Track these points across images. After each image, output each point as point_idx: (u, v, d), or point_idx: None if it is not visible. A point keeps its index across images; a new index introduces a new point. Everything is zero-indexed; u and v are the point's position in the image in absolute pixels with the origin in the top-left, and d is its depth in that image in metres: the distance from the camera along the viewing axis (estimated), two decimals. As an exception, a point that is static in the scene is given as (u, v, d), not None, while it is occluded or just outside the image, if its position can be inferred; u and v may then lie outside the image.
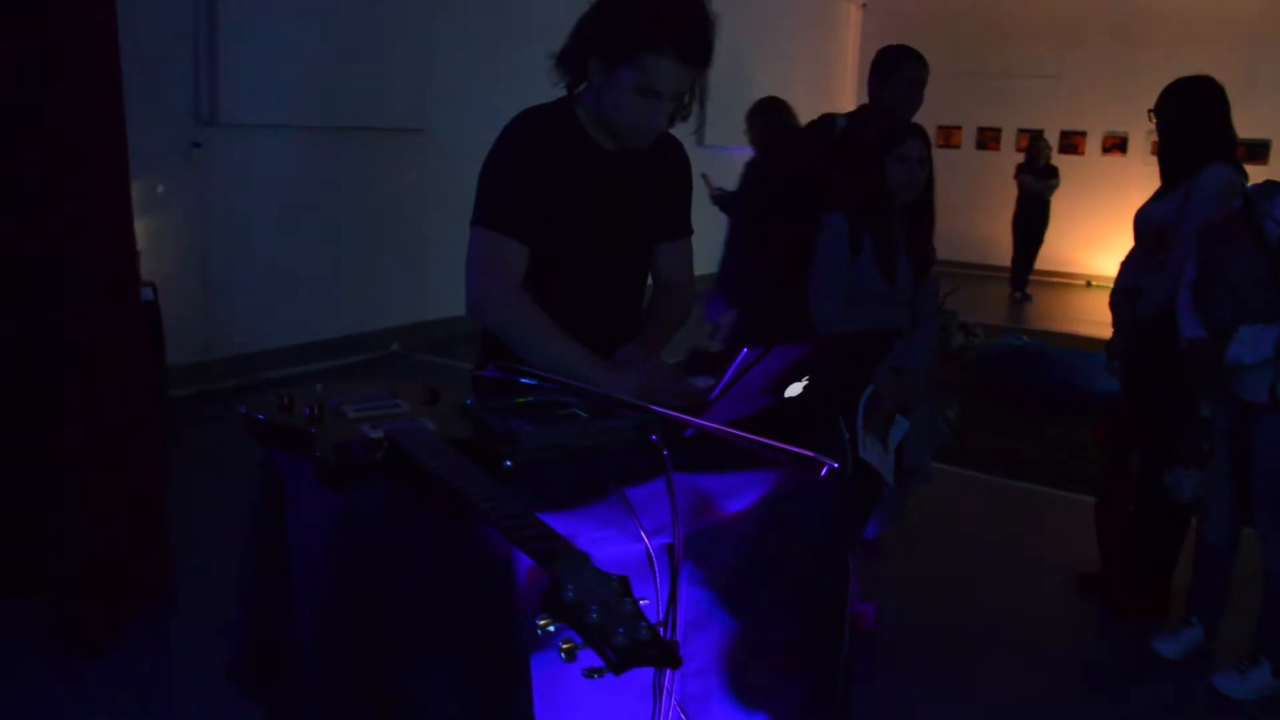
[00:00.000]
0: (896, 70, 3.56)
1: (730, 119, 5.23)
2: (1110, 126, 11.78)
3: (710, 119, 2.08)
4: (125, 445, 3.05)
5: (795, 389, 1.64)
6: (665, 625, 1.44)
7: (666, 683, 1.50)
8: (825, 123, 3.74)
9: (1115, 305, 3.51)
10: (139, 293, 3.34)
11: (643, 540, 1.45)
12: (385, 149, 6.73)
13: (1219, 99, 3.24)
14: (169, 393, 5.08)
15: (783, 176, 3.50)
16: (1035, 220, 10.68)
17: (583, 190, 2.01)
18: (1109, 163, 11.83)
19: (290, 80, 5.95)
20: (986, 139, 12.61)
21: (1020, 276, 10.92)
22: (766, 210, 3.55)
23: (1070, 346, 7.28)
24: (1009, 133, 12.45)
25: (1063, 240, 11.14)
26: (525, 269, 1.97)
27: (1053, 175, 10.61)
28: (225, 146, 5.72)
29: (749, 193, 4.42)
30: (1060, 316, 9.99)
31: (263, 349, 6.02)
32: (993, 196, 11.15)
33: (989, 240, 11.34)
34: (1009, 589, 3.70)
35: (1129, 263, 3.48)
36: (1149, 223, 3.35)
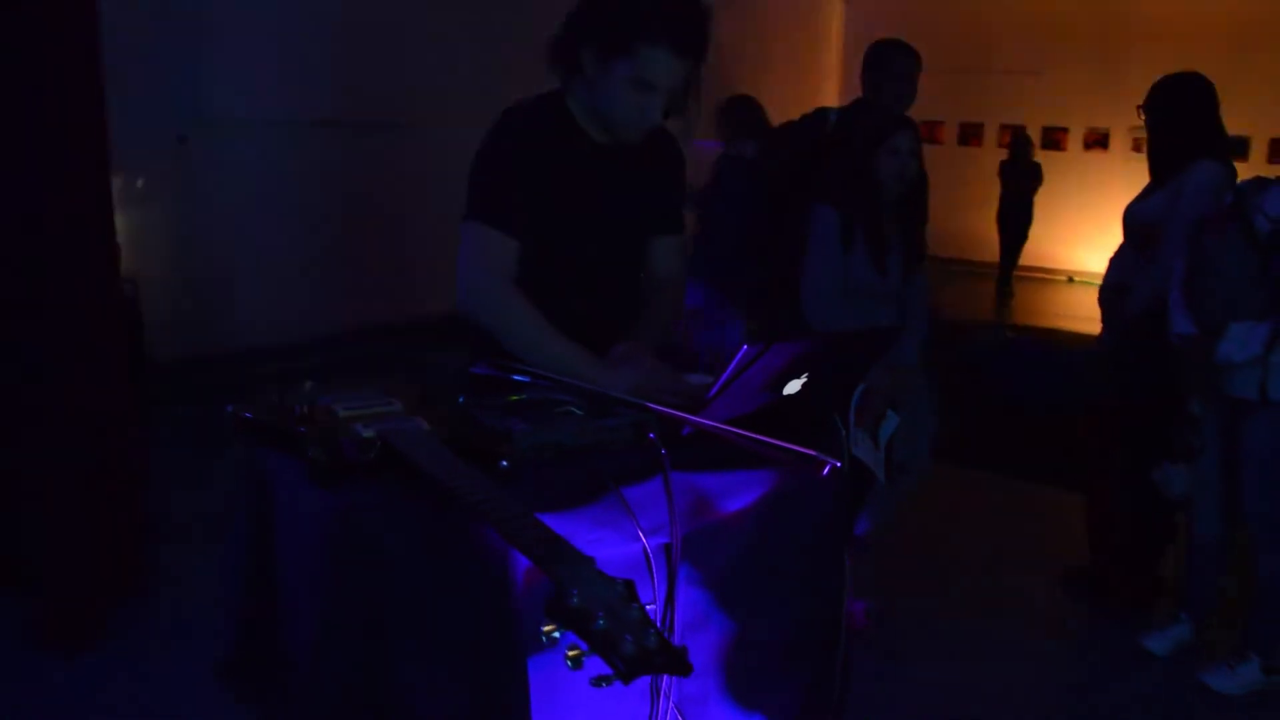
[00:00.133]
0: (889, 65, 3.55)
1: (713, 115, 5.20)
2: (1092, 123, 11.83)
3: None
4: (105, 442, 3.01)
5: (794, 386, 1.61)
6: (663, 626, 1.42)
7: (664, 684, 1.48)
8: (818, 117, 3.72)
9: (1104, 302, 3.50)
10: (120, 289, 3.30)
11: (640, 540, 1.42)
12: (371, 143, 6.68)
13: (1209, 95, 3.24)
14: (150, 390, 5.01)
15: (777, 172, 3.48)
16: (1019, 217, 10.72)
17: (575, 184, 1.98)
18: (1091, 159, 11.88)
19: (276, 75, 5.90)
20: (969, 135, 12.63)
21: (1004, 274, 10.95)
22: (764, 205, 3.54)
23: (1054, 342, 7.30)
24: (991, 128, 12.48)
25: (1045, 236, 11.18)
26: (517, 264, 1.94)
27: (1036, 172, 10.64)
28: (210, 141, 5.66)
29: (724, 188, 4.46)
30: (1043, 312, 10.03)
31: (246, 345, 5.96)
32: (975, 192, 11.17)
33: (971, 236, 11.37)
34: (997, 585, 3.70)
35: (1118, 259, 3.48)
36: (1138, 219, 3.34)
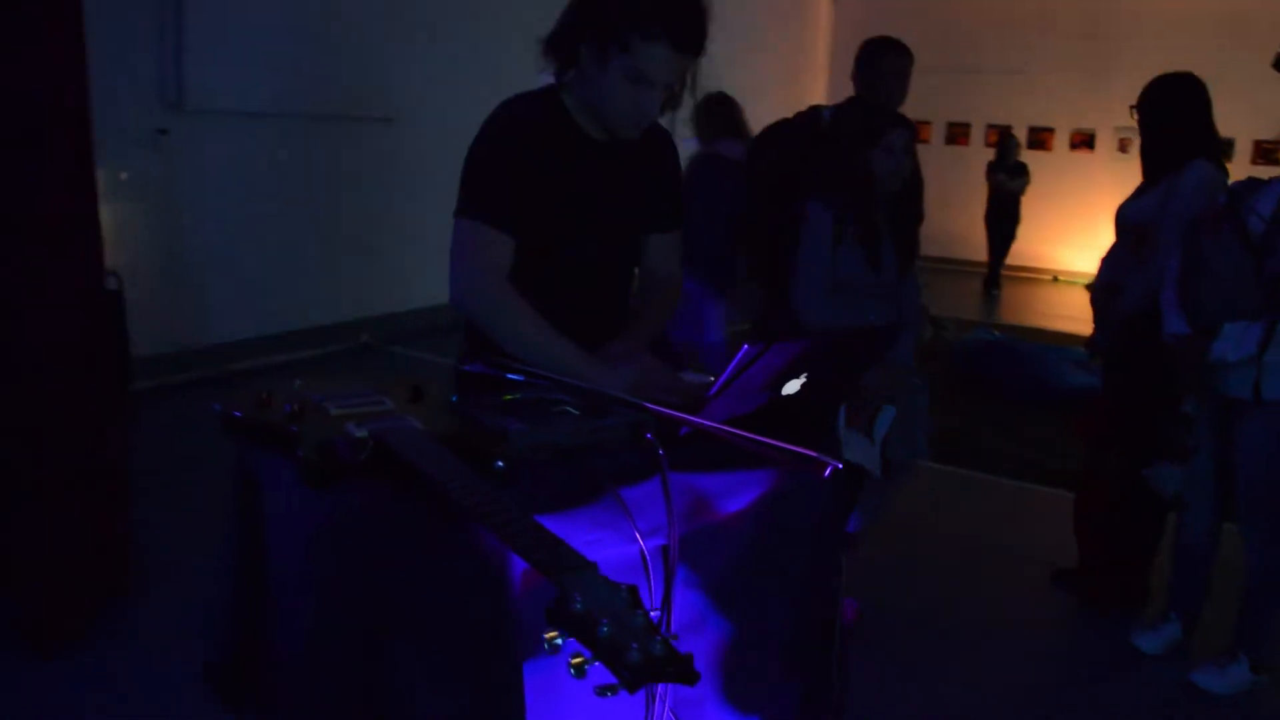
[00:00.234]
0: (880, 61, 3.53)
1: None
2: (1078, 123, 11.88)
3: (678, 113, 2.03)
4: (88, 439, 2.97)
5: (793, 386, 1.59)
6: (660, 628, 1.39)
7: (660, 687, 1.45)
8: (812, 115, 3.70)
9: (1096, 301, 3.50)
10: (103, 283, 3.25)
11: (638, 542, 1.40)
12: (355, 137, 6.63)
13: (1201, 95, 3.23)
14: (133, 385, 4.96)
15: (769, 170, 3.46)
16: (1007, 217, 10.75)
17: (571, 181, 1.95)
18: (1076, 159, 11.93)
19: (259, 67, 5.83)
20: (956, 134, 12.66)
21: (992, 273, 10.97)
22: (753, 204, 3.52)
23: (1040, 341, 7.32)
24: (978, 128, 12.51)
25: (1030, 235, 11.21)
26: (511, 261, 1.91)
27: (1023, 173, 10.67)
28: (192, 134, 5.59)
29: (701, 186, 4.46)
30: (1029, 311, 10.06)
31: (229, 340, 5.91)
32: (962, 192, 11.19)
33: (958, 235, 11.39)
34: (987, 584, 3.70)
35: (1110, 259, 3.47)
36: (1130, 219, 3.34)
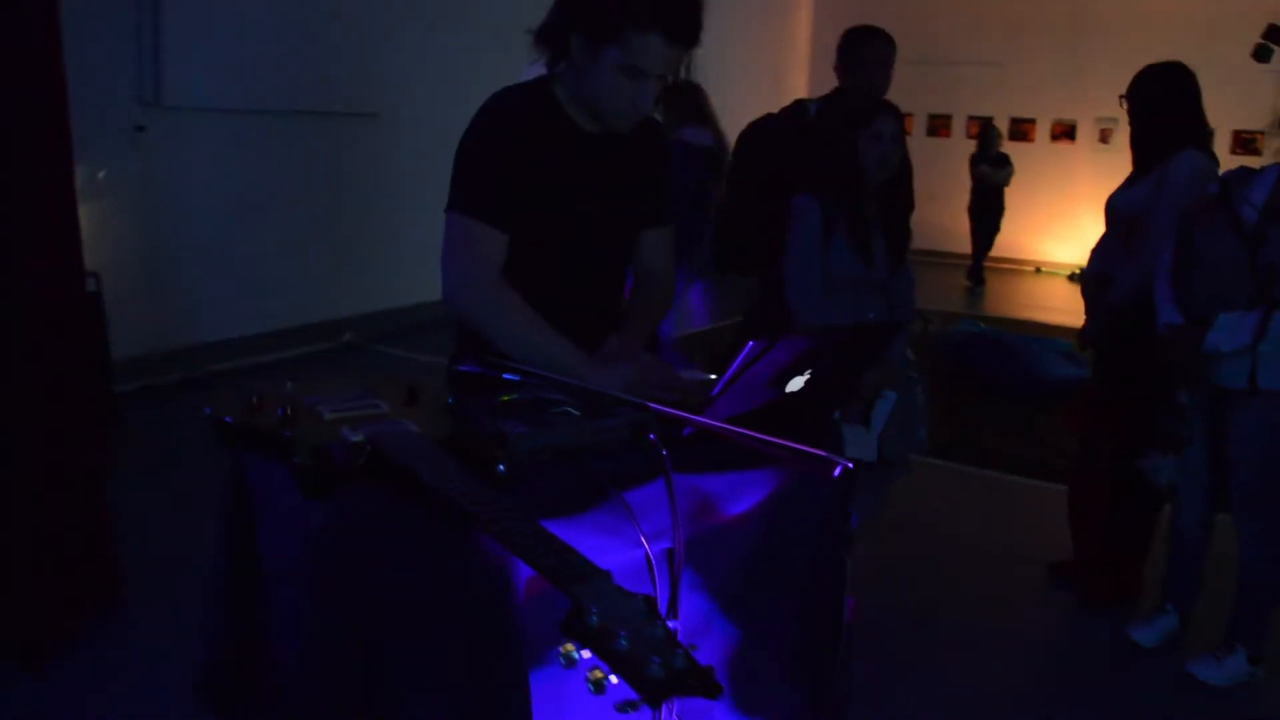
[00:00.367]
0: (862, 50, 3.51)
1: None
2: (1059, 114, 11.90)
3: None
4: (68, 443, 2.91)
5: (797, 383, 1.56)
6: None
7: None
8: (797, 109, 3.67)
9: (1087, 292, 3.48)
10: (83, 283, 3.19)
11: (642, 546, 1.37)
12: (337, 133, 6.55)
13: (1191, 84, 3.22)
14: (113, 387, 4.89)
15: (757, 166, 3.43)
16: (991, 209, 10.75)
17: (562, 174, 1.91)
18: (1058, 150, 11.95)
19: (238, 61, 5.74)
20: (937, 126, 12.66)
21: (976, 265, 10.97)
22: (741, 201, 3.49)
23: (1024, 333, 7.32)
24: (959, 120, 12.51)
25: (1012, 227, 11.22)
26: (504, 256, 1.87)
27: (1006, 164, 10.68)
28: (170, 130, 5.51)
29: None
30: (1012, 303, 10.08)
31: (211, 340, 5.83)
32: (944, 184, 11.19)
33: (941, 227, 11.38)
34: (982, 579, 3.68)
35: (1100, 249, 3.46)
36: (1121, 209, 3.32)
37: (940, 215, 11.24)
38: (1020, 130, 12.09)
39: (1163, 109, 3.23)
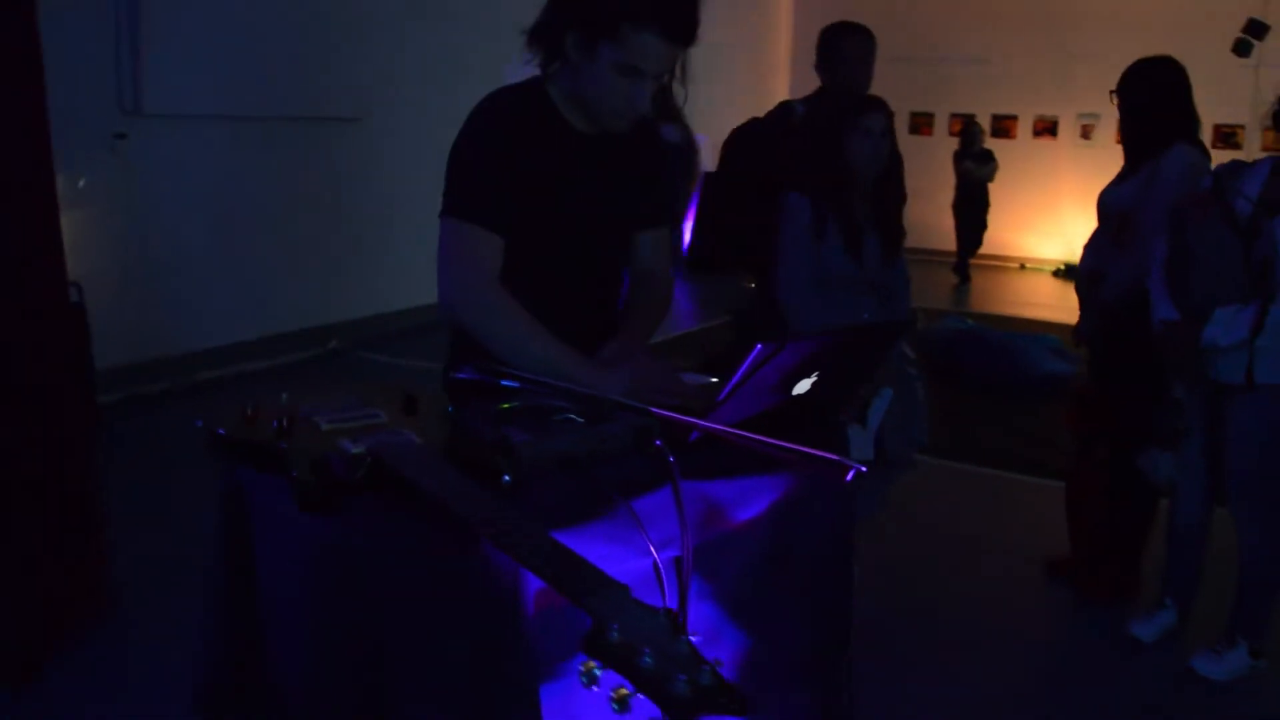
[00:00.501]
0: (842, 45, 3.49)
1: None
2: (1040, 110, 11.93)
3: None
4: (54, 456, 2.86)
5: (804, 386, 1.53)
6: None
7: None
8: (783, 110, 3.65)
9: (1081, 288, 3.47)
10: (66, 293, 3.14)
11: (651, 555, 1.34)
12: (321, 139, 6.50)
13: (1182, 79, 3.22)
14: (101, 398, 4.82)
15: (746, 170, 3.41)
16: (975, 205, 10.76)
17: (557, 175, 1.88)
18: (1040, 146, 11.98)
19: (220, 67, 5.68)
20: (919, 124, 12.67)
21: (962, 261, 10.98)
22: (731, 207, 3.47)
23: (1010, 329, 7.33)
24: (941, 117, 12.53)
25: (996, 223, 11.22)
26: (501, 261, 1.84)
27: (990, 160, 10.70)
28: (151, 138, 5.45)
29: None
30: (998, 299, 10.10)
31: (196, 349, 5.77)
32: (927, 181, 11.17)
33: (925, 225, 11.36)
34: (979, 576, 3.67)
35: (1092, 246, 3.45)
36: (1113, 205, 3.32)
37: (924, 213, 11.21)
38: (1002, 127, 12.11)
39: (1154, 104, 3.22)
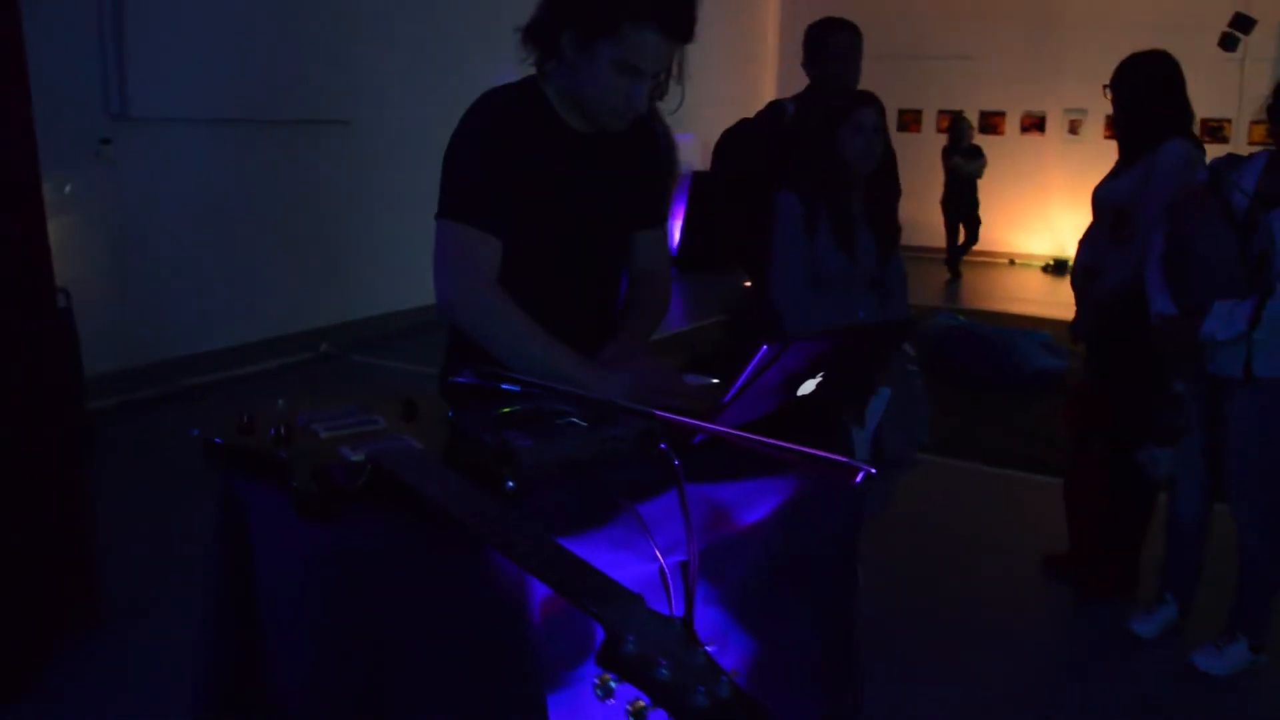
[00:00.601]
0: (828, 41, 3.47)
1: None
2: (1028, 106, 11.94)
3: None
4: (42, 464, 2.82)
5: (808, 386, 1.52)
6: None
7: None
8: (775, 109, 3.63)
9: (1077, 284, 3.46)
10: (54, 300, 3.10)
11: (658, 560, 1.32)
12: (309, 142, 6.46)
13: (1175, 73, 3.21)
14: (90, 405, 4.78)
15: (739, 171, 3.39)
16: (965, 201, 10.77)
17: (554, 175, 1.86)
18: (1028, 142, 11.99)
19: (206, 71, 5.64)
20: (907, 121, 12.67)
21: (954, 258, 10.98)
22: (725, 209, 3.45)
23: (1001, 325, 7.34)
24: (929, 114, 12.54)
25: (985, 219, 11.22)
26: (499, 263, 1.81)
27: (979, 155, 10.71)
28: (137, 142, 5.40)
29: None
30: (988, 295, 10.10)
31: (185, 354, 5.73)
32: (916, 178, 11.16)
33: (914, 221, 11.36)
34: (979, 574, 3.66)
35: (1088, 241, 3.44)
36: (1109, 201, 3.30)
37: (913, 209, 11.19)
38: (990, 123, 12.12)
39: (1148, 98, 3.21)
